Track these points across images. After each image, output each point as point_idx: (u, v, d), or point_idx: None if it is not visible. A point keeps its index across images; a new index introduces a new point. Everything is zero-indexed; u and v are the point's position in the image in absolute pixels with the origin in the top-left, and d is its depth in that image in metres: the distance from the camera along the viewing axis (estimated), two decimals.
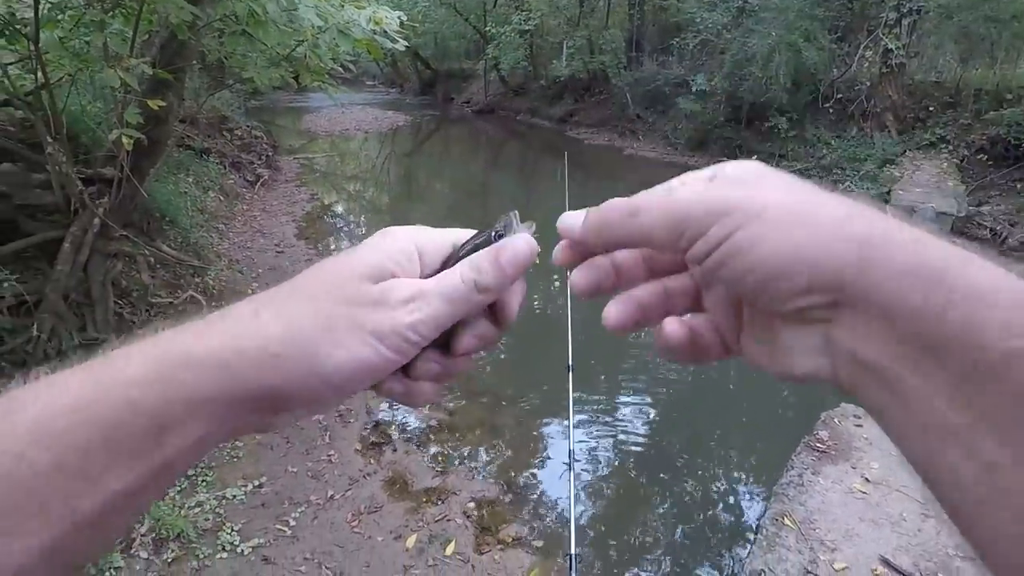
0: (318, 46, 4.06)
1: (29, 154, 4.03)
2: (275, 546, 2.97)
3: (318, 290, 0.35)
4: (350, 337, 0.34)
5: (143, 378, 0.31)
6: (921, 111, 11.16)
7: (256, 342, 0.33)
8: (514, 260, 0.37)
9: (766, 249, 0.28)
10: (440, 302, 0.36)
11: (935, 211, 7.53)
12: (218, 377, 0.32)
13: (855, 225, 0.28)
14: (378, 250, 0.37)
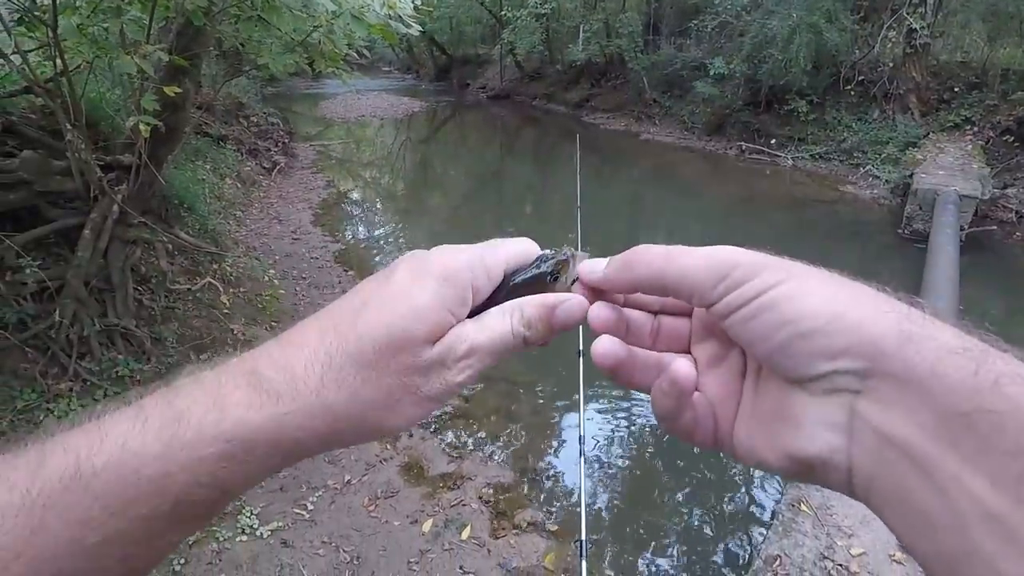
0: (333, 31, 4.04)
1: (50, 141, 4.07)
2: (293, 529, 3.02)
3: (380, 357, 0.34)
4: (407, 404, 0.35)
5: (212, 456, 0.32)
6: (946, 92, 10.89)
7: (323, 420, 0.34)
8: (565, 322, 0.38)
9: (809, 303, 0.28)
10: (490, 357, 0.37)
11: (958, 194, 7.35)
12: (284, 452, 0.34)
13: (899, 306, 0.28)
14: (439, 298, 0.35)
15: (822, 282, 0.30)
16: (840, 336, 0.27)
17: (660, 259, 0.34)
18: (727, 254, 0.32)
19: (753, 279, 0.30)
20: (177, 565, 2.71)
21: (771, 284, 0.30)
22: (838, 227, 8.61)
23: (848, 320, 0.27)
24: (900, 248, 7.60)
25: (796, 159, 11.51)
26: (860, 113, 11.40)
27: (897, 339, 0.26)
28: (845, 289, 0.29)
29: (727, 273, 0.31)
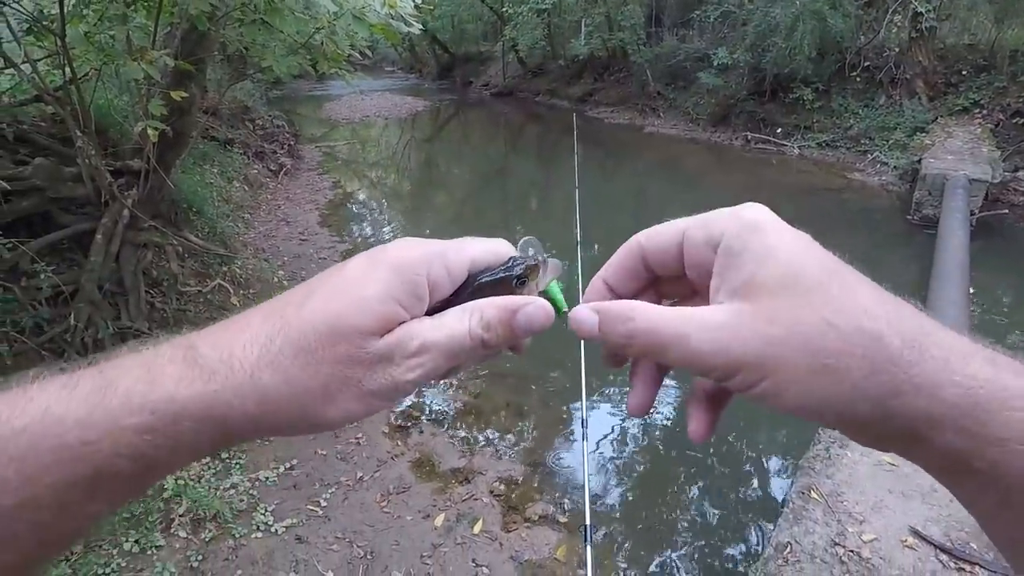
0: (335, 32, 4.07)
1: (60, 148, 4.13)
2: (307, 525, 3.06)
3: (321, 344, 0.33)
4: (347, 398, 0.34)
5: (135, 426, 0.31)
6: (953, 76, 10.77)
7: (253, 402, 0.33)
8: (528, 327, 0.36)
9: (792, 400, 0.30)
10: (444, 359, 0.35)
11: (968, 178, 7.29)
12: (212, 431, 0.33)
13: (876, 379, 0.28)
14: (389, 290, 0.34)
15: (796, 375, 0.29)
16: (830, 421, 0.30)
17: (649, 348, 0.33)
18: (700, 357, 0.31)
19: (729, 381, 0.31)
20: (195, 561, 2.76)
21: (752, 383, 0.30)
22: (846, 215, 8.55)
23: (831, 411, 0.29)
24: (909, 234, 7.54)
25: (802, 148, 11.43)
26: (866, 99, 11.30)
27: (882, 419, 0.29)
28: (824, 373, 0.29)
29: (708, 372, 0.32)
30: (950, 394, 0.27)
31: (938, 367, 0.28)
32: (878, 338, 0.28)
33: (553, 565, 2.93)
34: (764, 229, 0.33)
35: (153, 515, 2.90)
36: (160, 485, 3.04)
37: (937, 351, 0.28)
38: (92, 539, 2.70)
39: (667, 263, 0.37)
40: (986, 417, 0.26)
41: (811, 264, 0.31)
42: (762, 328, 0.30)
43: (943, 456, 0.28)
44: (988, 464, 0.26)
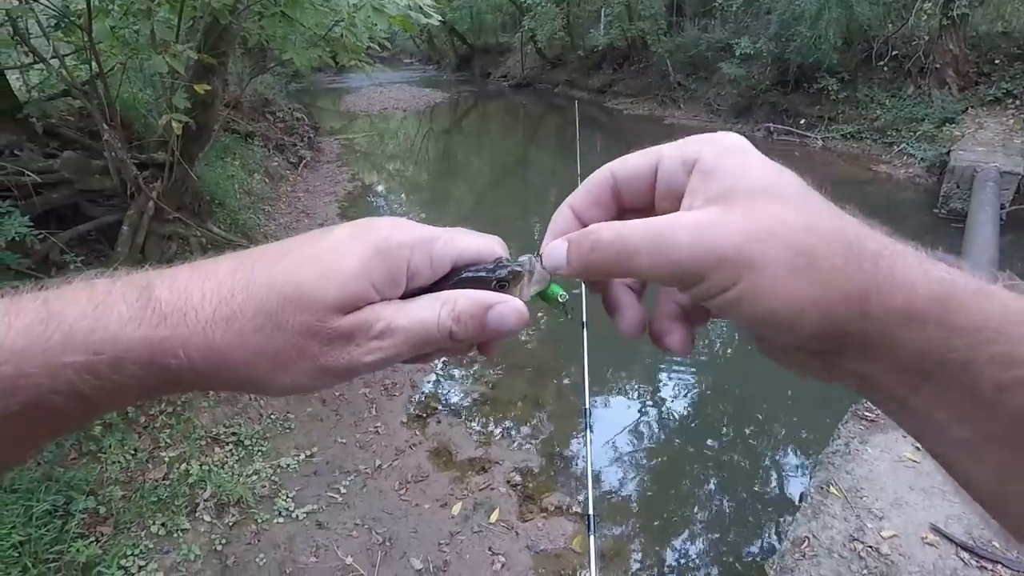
0: (354, 24, 4.09)
1: (88, 141, 4.23)
2: (328, 512, 3.11)
3: (283, 309, 0.32)
4: (299, 370, 0.32)
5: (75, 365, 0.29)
6: (985, 65, 10.47)
7: (201, 355, 0.31)
8: (498, 325, 0.34)
9: (767, 304, 0.28)
10: (407, 346, 0.33)
11: (999, 170, 7.10)
12: (156, 378, 0.31)
13: (855, 277, 0.28)
14: (366, 268, 0.33)
15: (776, 272, 0.28)
16: (802, 330, 0.29)
17: (621, 262, 0.32)
18: (677, 253, 0.30)
19: (706, 279, 0.29)
20: (219, 545, 2.82)
21: (728, 284, 0.29)
22: (870, 208, 8.04)
23: (808, 316, 0.28)
24: (936, 228, 7.39)
25: (826, 139, 11.23)
26: (894, 90, 11.04)
27: (858, 320, 0.28)
28: (803, 270, 0.28)
29: (681, 276, 0.30)
30: (927, 288, 0.27)
31: (913, 265, 0.28)
32: (857, 239, 0.29)
33: (569, 555, 2.95)
34: (742, 150, 0.32)
35: (179, 499, 2.98)
36: (185, 470, 3.11)
37: (910, 255, 0.29)
38: (122, 521, 2.78)
39: (638, 190, 0.36)
40: (960, 308, 0.27)
41: (788, 179, 0.31)
42: (741, 224, 0.29)
43: (913, 355, 0.27)
44: (960, 356, 0.26)
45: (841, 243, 0.28)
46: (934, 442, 0.30)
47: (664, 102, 15.12)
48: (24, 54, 4.05)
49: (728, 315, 0.31)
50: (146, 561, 2.65)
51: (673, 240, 0.30)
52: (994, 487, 0.28)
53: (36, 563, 2.42)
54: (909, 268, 0.28)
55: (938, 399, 0.28)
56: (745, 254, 0.28)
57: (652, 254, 0.30)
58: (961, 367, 0.26)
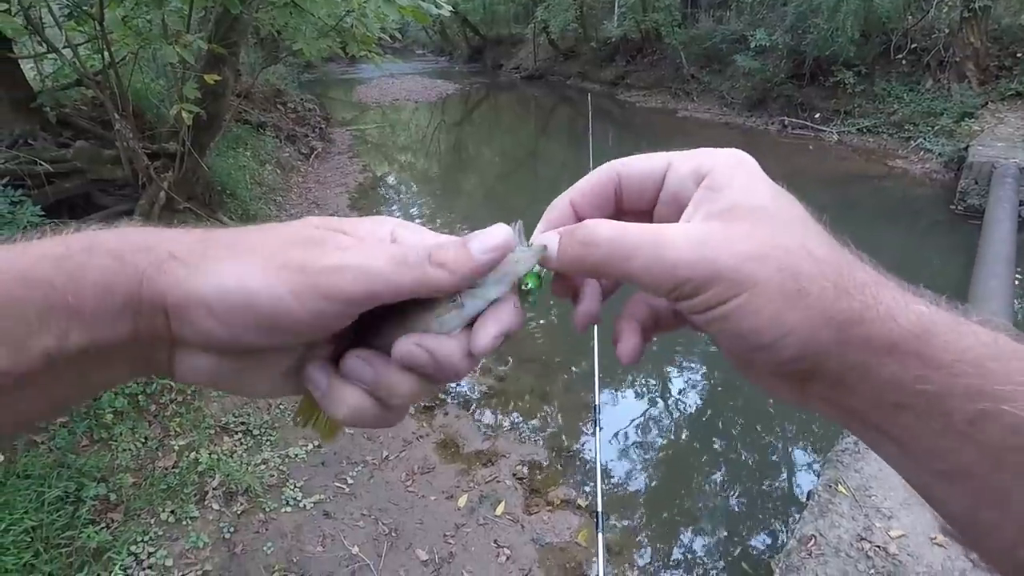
0: (365, 15, 4.08)
1: (100, 131, 4.26)
2: (335, 502, 3.13)
3: (270, 226, 0.32)
4: (251, 261, 0.30)
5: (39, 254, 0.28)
6: (1007, 58, 10.27)
7: (164, 245, 0.30)
8: (482, 245, 0.32)
9: (755, 323, 0.29)
10: (382, 258, 0.30)
11: (1018, 166, 6.98)
12: (111, 267, 0.29)
13: (841, 305, 0.29)
14: (351, 222, 0.33)
15: (770, 293, 0.29)
16: (786, 351, 0.29)
17: (615, 263, 0.31)
18: (672, 263, 0.30)
19: (700, 293, 0.30)
20: (227, 533, 2.85)
21: (720, 300, 0.29)
22: (886, 203, 8.29)
23: (794, 338, 0.29)
24: (952, 224, 7.28)
25: (842, 133, 11.08)
26: (912, 83, 10.86)
27: (837, 349, 0.29)
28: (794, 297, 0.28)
29: (674, 286, 0.30)
30: (907, 321, 0.28)
31: (895, 297, 0.29)
32: (849, 268, 0.30)
33: (574, 549, 2.95)
34: (751, 171, 0.33)
35: (188, 487, 3.01)
36: (195, 459, 3.14)
37: (893, 288, 0.30)
38: (132, 508, 2.82)
39: (641, 193, 0.36)
40: (937, 342, 0.27)
41: (789, 204, 0.32)
42: (742, 243, 0.29)
43: (889, 385, 0.28)
44: (935, 388, 0.27)
45: (833, 271, 0.29)
46: (911, 471, 0.30)
47: (677, 95, 14.99)
48: (38, 44, 4.08)
49: (711, 329, 0.31)
50: (155, 548, 2.69)
51: (674, 249, 0.30)
52: (969, 515, 0.28)
53: (48, 548, 2.45)
54: (892, 300, 0.29)
55: (914, 429, 0.28)
56: (743, 273, 0.29)
57: (649, 259, 0.30)
58: (936, 399, 0.27)
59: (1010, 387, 0.26)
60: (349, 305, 0.30)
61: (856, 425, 0.31)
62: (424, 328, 0.33)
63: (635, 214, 0.37)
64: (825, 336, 0.28)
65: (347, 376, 0.33)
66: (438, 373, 0.33)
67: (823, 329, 0.28)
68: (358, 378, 0.33)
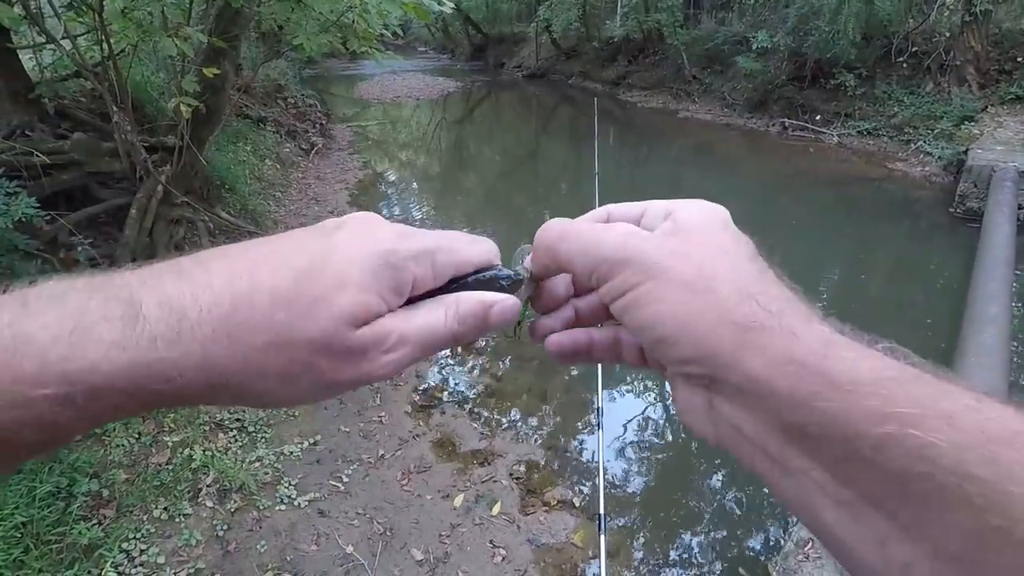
0: (367, 11, 4.05)
1: (98, 123, 4.23)
2: (330, 500, 3.11)
3: (293, 326, 0.29)
4: (307, 386, 0.31)
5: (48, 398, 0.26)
6: (1007, 62, 10.26)
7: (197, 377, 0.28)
8: (500, 319, 0.36)
9: (656, 312, 0.30)
10: (417, 353, 0.33)
11: (1018, 170, 6.97)
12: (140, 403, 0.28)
13: (743, 309, 0.29)
14: (375, 281, 0.31)
15: (677, 285, 0.30)
16: (684, 347, 0.30)
17: (552, 243, 0.35)
18: (596, 246, 0.33)
19: (615, 278, 0.32)
20: (220, 530, 2.83)
21: (629, 286, 0.31)
22: (885, 206, 8.28)
23: (691, 332, 0.29)
24: (951, 227, 7.27)
25: (842, 136, 11.07)
26: (912, 86, 10.86)
27: (731, 353, 0.28)
28: (700, 290, 0.30)
29: (593, 268, 0.33)
30: (809, 337, 0.28)
31: (802, 316, 0.29)
32: (764, 283, 0.30)
33: (570, 550, 2.93)
34: (716, 215, 0.34)
35: (182, 484, 2.99)
36: (188, 455, 3.12)
37: (803, 310, 0.30)
38: (124, 505, 2.80)
39: None
40: (837, 361, 0.27)
41: (736, 238, 0.33)
42: (665, 245, 0.31)
43: (788, 403, 0.27)
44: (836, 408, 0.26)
45: (747, 279, 0.30)
46: (813, 507, 0.28)
47: (679, 95, 14.97)
48: (37, 34, 4.04)
49: (624, 318, 0.32)
50: (148, 545, 2.67)
51: (605, 239, 0.33)
52: (876, 552, 0.26)
53: (38, 544, 2.43)
54: (797, 317, 0.29)
55: (816, 456, 0.27)
56: (655, 262, 0.31)
57: (582, 242, 0.33)
58: (837, 420, 0.26)
59: (916, 410, 0.25)
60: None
61: (763, 460, 0.30)
62: None
63: None
64: (723, 337, 0.29)
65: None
66: None
67: (721, 329, 0.29)
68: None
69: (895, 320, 5.34)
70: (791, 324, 0.29)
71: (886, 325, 5.27)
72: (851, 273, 6.39)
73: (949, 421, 0.25)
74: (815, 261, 6.63)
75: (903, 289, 5.92)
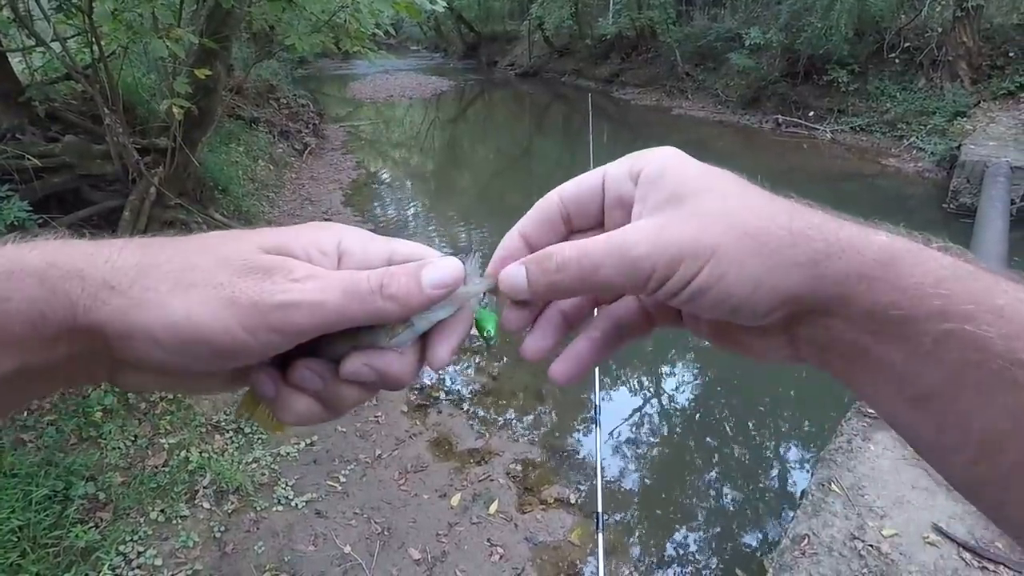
0: (359, 10, 4.04)
1: (90, 126, 4.21)
2: (327, 501, 3.11)
3: (209, 245, 0.31)
4: (198, 295, 0.29)
5: None
6: (999, 58, 10.31)
7: (98, 271, 0.29)
8: (432, 280, 0.33)
9: (728, 285, 0.30)
10: (335, 292, 0.31)
11: (1010, 165, 7.01)
12: (40, 297, 0.28)
13: (800, 249, 0.30)
14: (295, 234, 0.33)
15: (731, 254, 0.30)
16: (763, 304, 0.31)
17: (585, 276, 0.33)
18: (639, 257, 0.31)
19: (671, 275, 0.31)
20: (218, 532, 2.83)
21: (691, 275, 0.31)
22: (879, 202, 8.32)
23: (765, 287, 0.30)
24: (945, 223, 7.31)
25: (835, 132, 11.11)
26: (905, 82, 10.90)
27: (810, 288, 0.30)
28: (755, 249, 0.30)
29: (646, 277, 0.32)
30: (870, 251, 0.29)
31: (855, 231, 0.30)
32: (799, 214, 0.31)
33: (567, 548, 2.94)
34: (681, 158, 0.35)
35: (178, 486, 2.98)
36: (185, 457, 3.12)
37: (851, 224, 0.31)
38: (121, 507, 2.79)
39: (587, 210, 0.37)
40: (902, 267, 0.29)
41: (725, 176, 0.34)
42: (693, 220, 0.31)
43: (865, 310, 0.29)
44: (903, 311, 0.28)
45: (784, 220, 0.31)
46: (884, 402, 0.31)
47: (672, 92, 14.99)
48: (26, 36, 4.02)
49: (695, 309, 0.32)
50: (145, 547, 2.66)
51: (635, 247, 0.32)
52: (933, 439, 0.30)
53: (35, 548, 2.43)
54: (852, 235, 0.30)
55: (888, 356, 0.29)
56: (702, 243, 0.30)
57: (617, 264, 0.32)
58: (905, 323, 0.28)
59: (971, 306, 0.27)
60: (300, 336, 0.31)
61: (838, 364, 0.32)
62: (373, 342, 0.34)
63: (586, 231, 0.38)
64: (796, 277, 0.30)
65: (297, 385, 0.34)
66: (384, 385, 0.35)
67: (791, 272, 0.30)
68: (305, 386, 0.34)
69: None
70: (851, 242, 0.30)
71: None
72: None
73: (1000, 314, 0.27)
74: None
75: None
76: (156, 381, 0.33)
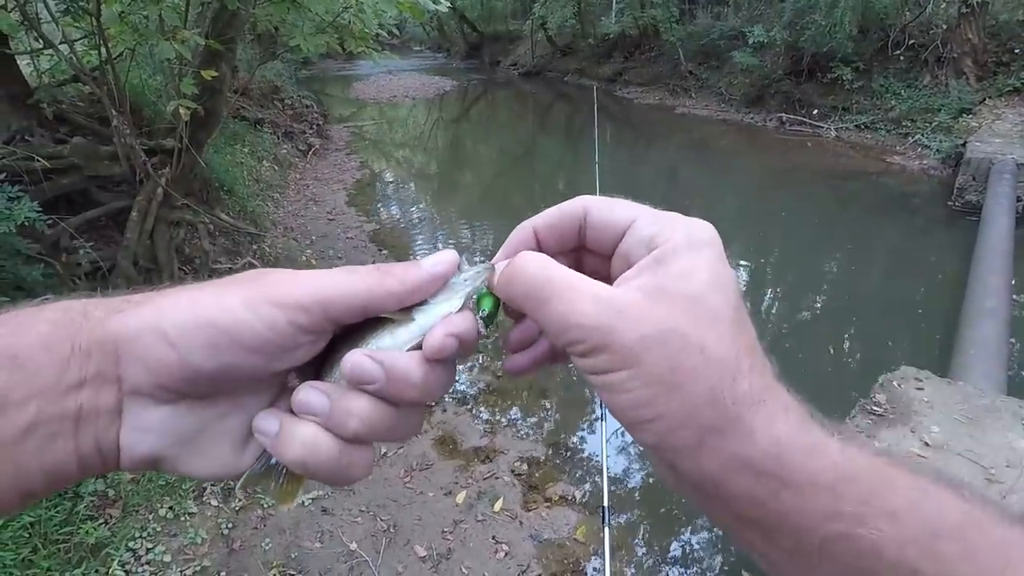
0: (363, 11, 4.07)
1: (97, 127, 4.24)
2: (333, 498, 3.13)
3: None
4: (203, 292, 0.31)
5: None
6: (1005, 54, 10.26)
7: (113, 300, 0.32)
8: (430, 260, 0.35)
9: (628, 401, 0.30)
10: (333, 271, 0.33)
11: (1016, 162, 6.99)
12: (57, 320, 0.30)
13: (705, 415, 0.29)
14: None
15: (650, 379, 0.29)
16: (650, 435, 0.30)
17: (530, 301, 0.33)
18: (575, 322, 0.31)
19: (590, 357, 0.31)
20: (225, 529, 2.85)
21: (603, 369, 0.30)
22: (883, 200, 8.29)
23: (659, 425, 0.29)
24: (950, 221, 7.29)
25: (840, 130, 11.08)
26: (910, 80, 10.86)
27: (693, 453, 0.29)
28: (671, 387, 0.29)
29: (568, 342, 0.31)
30: (765, 441, 0.29)
31: (766, 414, 0.29)
32: (735, 375, 0.29)
33: (572, 545, 2.96)
34: (701, 254, 0.32)
35: (187, 484, 3.01)
36: None
37: (770, 405, 0.30)
38: (130, 504, 2.82)
39: (604, 241, 0.36)
40: (792, 464, 0.28)
41: (719, 296, 0.31)
42: (645, 326, 0.30)
43: (744, 499, 0.29)
44: (787, 506, 0.28)
45: (716, 375, 0.29)
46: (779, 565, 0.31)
47: (675, 91, 14.97)
48: (34, 39, 4.06)
49: (597, 391, 0.32)
50: (154, 544, 2.69)
51: (583, 310, 0.31)
52: None
53: (46, 544, 2.46)
54: (759, 418, 0.29)
55: (768, 543, 0.29)
56: (632, 352, 0.29)
57: (557, 311, 0.31)
58: (789, 518, 0.28)
59: (863, 509, 0.27)
60: (301, 311, 0.31)
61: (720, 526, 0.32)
62: (376, 345, 0.34)
63: (596, 255, 0.37)
64: (684, 436, 0.29)
65: (298, 410, 0.33)
66: (392, 388, 0.33)
67: (682, 430, 0.29)
68: (310, 409, 0.33)
69: (893, 314, 5.36)
70: (750, 424, 0.29)
71: (885, 319, 5.29)
72: (849, 268, 6.41)
73: (893, 518, 0.27)
74: (813, 256, 6.64)
75: (901, 283, 5.93)
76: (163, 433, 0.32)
